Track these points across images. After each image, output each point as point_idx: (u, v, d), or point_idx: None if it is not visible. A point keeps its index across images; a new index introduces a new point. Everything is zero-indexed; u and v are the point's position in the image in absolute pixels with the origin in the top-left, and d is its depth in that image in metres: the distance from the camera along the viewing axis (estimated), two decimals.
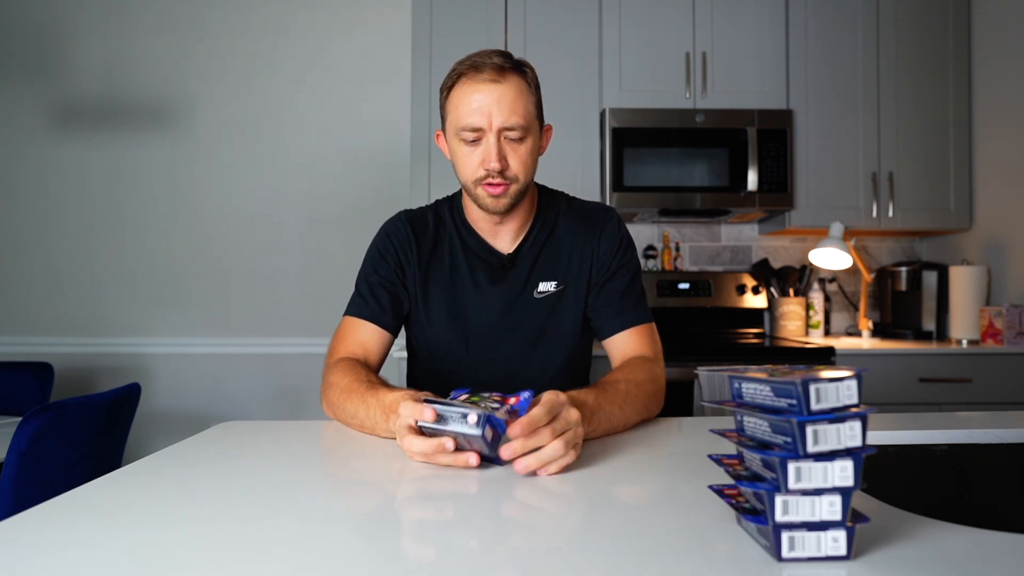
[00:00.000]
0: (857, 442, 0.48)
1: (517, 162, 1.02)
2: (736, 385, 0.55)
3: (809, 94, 2.52)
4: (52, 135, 2.82)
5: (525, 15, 2.51)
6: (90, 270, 2.82)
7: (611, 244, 1.13)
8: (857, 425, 0.48)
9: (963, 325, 2.40)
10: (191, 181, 2.83)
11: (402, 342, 1.26)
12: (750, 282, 2.73)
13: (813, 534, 0.48)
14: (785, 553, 0.49)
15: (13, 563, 0.51)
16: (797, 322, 2.64)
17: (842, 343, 2.36)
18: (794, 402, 0.48)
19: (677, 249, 2.80)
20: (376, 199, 2.81)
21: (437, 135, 1.11)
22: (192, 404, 2.80)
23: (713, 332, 2.71)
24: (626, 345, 1.10)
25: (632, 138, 2.43)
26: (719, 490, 0.57)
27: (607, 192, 2.43)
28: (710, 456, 0.61)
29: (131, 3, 2.83)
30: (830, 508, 0.48)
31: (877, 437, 0.92)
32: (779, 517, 0.48)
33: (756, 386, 0.52)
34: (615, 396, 0.91)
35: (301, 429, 1.00)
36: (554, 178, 1.58)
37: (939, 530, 0.55)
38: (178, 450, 0.87)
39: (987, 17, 2.50)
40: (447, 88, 1.03)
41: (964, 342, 2.34)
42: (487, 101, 0.98)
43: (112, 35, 2.82)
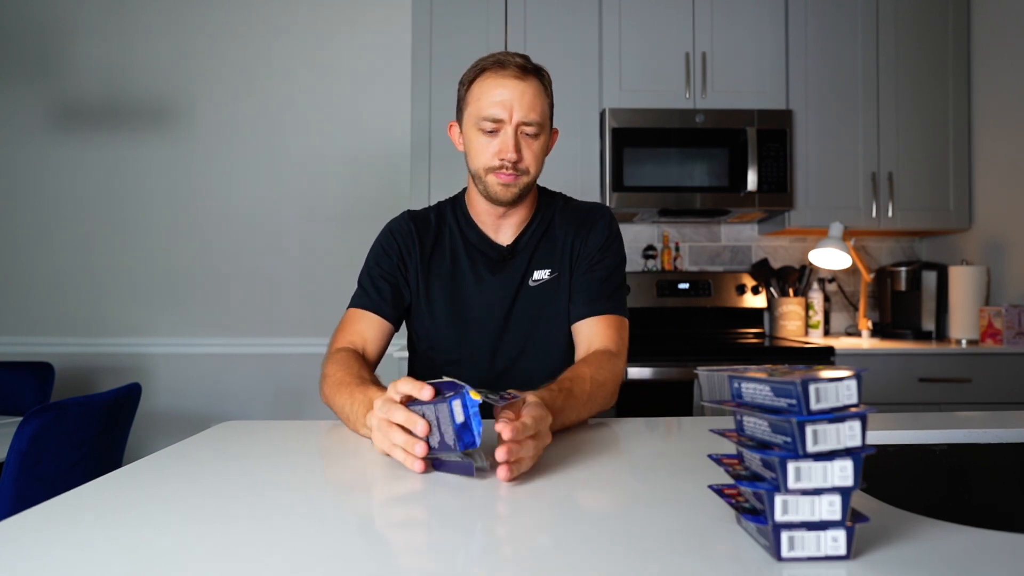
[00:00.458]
0: (857, 442, 0.48)
1: (530, 156, 1.08)
2: (736, 385, 0.55)
3: (809, 94, 2.52)
4: (52, 135, 2.82)
5: (525, 15, 2.51)
6: (90, 270, 2.82)
7: (599, 237, 1.18)
8: (857, 425, 0.48)
9: (962, 325, 2.40)
10: (191, 181, 2.83)
11: (402, 341, 1.27)
12: (750, 282, 2.73)
13: (813, 534, 0.48)
14: (785, 553, 0.49)
15: (13, 563, 0.51)
16: (797, 322, 2.64)
17: (842, 343, 2.36)
18: (794, 402, 0.48)
19: (677, 249, 2.80)
20: (376, 199, 2.81)
21: (450, 125, 1.17)
22: (192, 404, 2.80)
23: (713, 332, 2.71)
24: (592, 332, 1.12)
25: (632, 138, 2.43)
26: (719, 490, 0.57)
27: (607, 192, 2.43)
28: (710, 456, 0.61)
29: (131, 3, 2.83)
30: (830, 508, 0.48)
31: (877, 437, 0.92)
32: (779, 517, 0.48)
33: (756, 386, 0.52)
34: (579, 398, 0.95)
35: (301, 429, 1.00)
36: (554, 178, 1.58)
37: (939, 530, 0.55)
38: (178, 450, 0.87)
39: (987, 17, 2.50)
40: (469, 81, 1.10)
41: (963, 342, 2.34)
42: (510, 96, 1.05)
43: (112, 35, 2.82)
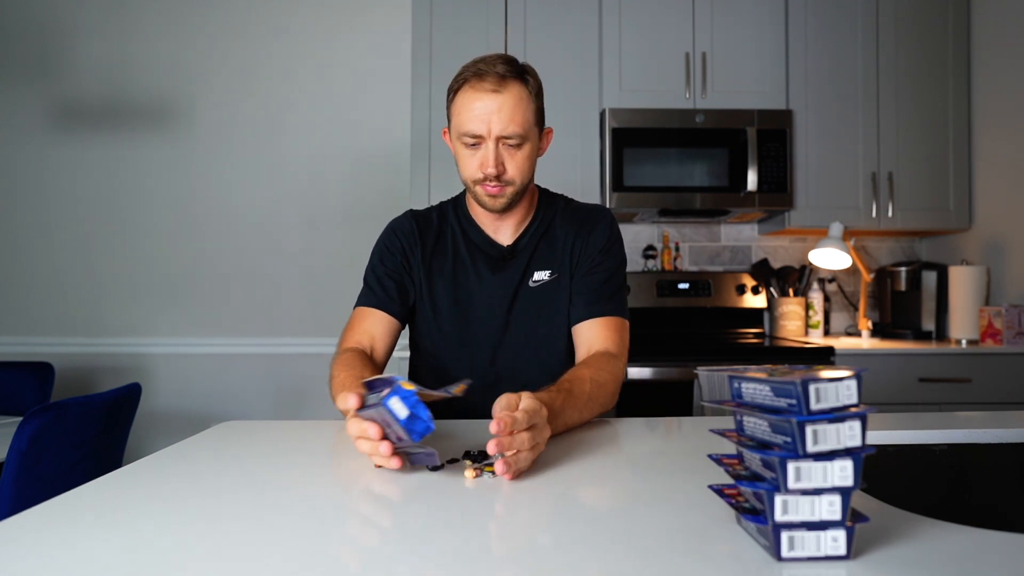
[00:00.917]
0: (857, 442, 0.48)
1: (514, 167, 1.08)
2: (736, 385, 0.55)
3: (809, 94, 2.52)
4: (52, 135, 2.82)
5: (525, 15, 2.51)
6: (90, 270, 2.82)
7: (600, 239, 1.18)
8: (857, 425, 0.48)
9: (962, 325, 2.40)
10: (191, 181, 2.83)
11: (403, 341, 1.27)
12: (750, 282, 2.73)
13: (813, 534, 0.49)
14: (785, 553, 0.49)
15: (13, 563, 0.51)
16: (797, 322, 2.64)
17: (842, 343, 2.36)
18: (794, 402, 0.48)
19: (677, 249, 2.80)
20: (376, 199, 2.81)
21: (443, 131, 1.17)
22: (192, 404, 2.80)
23: (713, 332, 2.71)
24: (593, 334, 1.13)
25: (632, 138, 2.43)
26: (719, 490, 0.57)
27: (607, 192, 2.43)
28: (710, 456, 0.61)
29: (131, 3, 2.83)
30: (830, 508, 0.48)
31: (877, 437, 0.92)
32: (779, 517, 0.48)
33: (756, 386, 0.52)
34: (579, 399, 0.95)
35: (301, 429, 1.00)
36: (554, 178, 1.58)
37: (939, 530, 0.55)
38: (178, 450, 0.87)
39: (987, 17, 2.50)
40: (453, 91, 1.09)
41: (963, 342, 2.34)
42: (487, 110, 1.04)
43: (112, 35, 2.82)
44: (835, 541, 0.49)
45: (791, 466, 0.48)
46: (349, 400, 0.75)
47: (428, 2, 2.49)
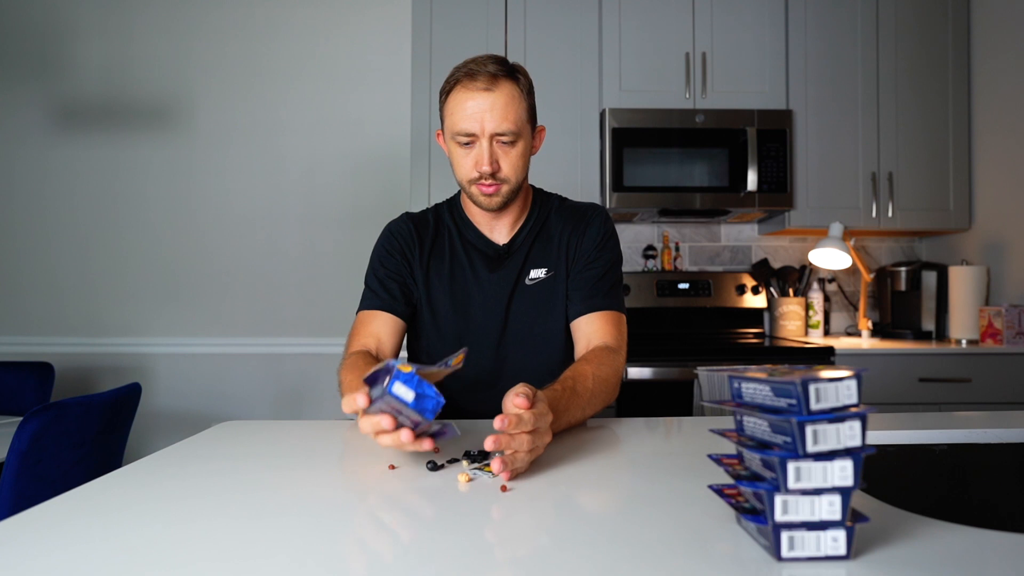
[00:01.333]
0: (856, 442, 0.48)
1: (508, 165, 1.09)
2: (736, 385, 0.55)
3: (809, 94, 2.52)
4: (51, 135, 2.82)
5: (525, 15, 2.51)
6: (90, 270, 2.82)
7: (595, 236, 1.19)
8: (856, 425, 0.48)
9: (962, 325, 2.40)
10: (191, 181, 2.83)
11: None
12: (750, 282, 2.73)
13: (813, 534, 0.49)
14: (785, 553, 0.49)
15: (13, 563, 0.51)
16: (797, 322, 2.64)
17: (842, 343, 2.36)
18: (794, 402, 0.48)
19: (677, 249, 2.80)
20: (376, 199, 2.81)
21: (438, 134, 1.17)
22: (192, 404, 2.80)
23: (713, 332, 2.71)
24: (591, 329, 1.13)
25: (632, 138, 2.43)
26: (719, 490, 0.57)
27: (607, 192, 2.43)
28: (710, 456, 0.61)
29: (131, 3, 2.83)
30: (830, 508, 0.48)
31: (877, 437, 0.92)
32: (779, 517, 0.48)
33: (756, 386, 0.52)
34: (583, 396, 0.95)
35: (301, 429, 1.00)
36: (554, 178, 1.58)
37: (938, 530, 0.55)
38: (178, 450, 0.87)
39: (987, 17, 2.50)
40: (445, 92, 1.10)
41: (963, 342, 2.34)
42: (479, 109, 1.05)
43: (112, 35, 2.82)
44: (835, 541, 0.49)
45: (791, 466, 0.48)
46: (357, 400, 0.74)
47: (428, 2, 2.49)
